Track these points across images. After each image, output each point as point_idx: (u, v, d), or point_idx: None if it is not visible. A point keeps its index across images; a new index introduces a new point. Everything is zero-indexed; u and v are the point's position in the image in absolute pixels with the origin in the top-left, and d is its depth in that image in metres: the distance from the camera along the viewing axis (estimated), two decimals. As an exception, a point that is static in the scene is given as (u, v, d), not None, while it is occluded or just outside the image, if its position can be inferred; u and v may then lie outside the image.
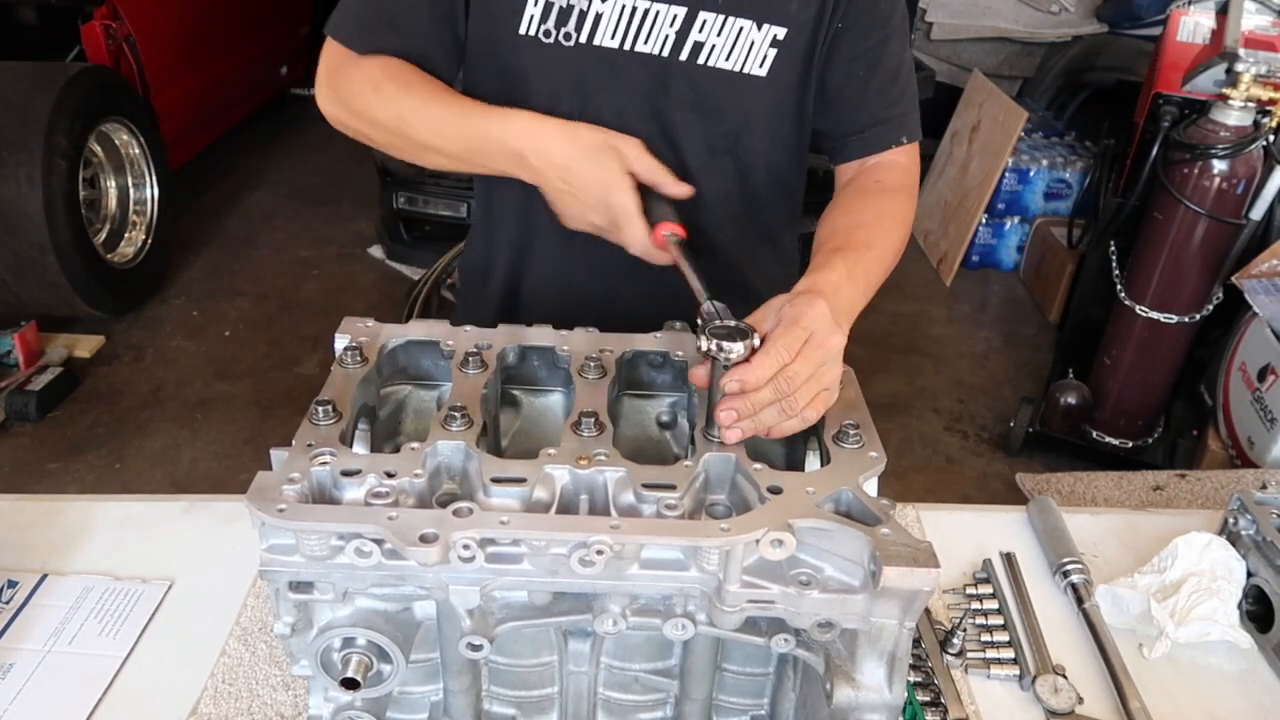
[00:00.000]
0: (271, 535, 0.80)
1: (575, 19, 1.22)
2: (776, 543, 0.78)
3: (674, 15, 1.22)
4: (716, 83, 1.26)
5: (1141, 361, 3.29)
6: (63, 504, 1.41)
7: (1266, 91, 2.79)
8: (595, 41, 1.23)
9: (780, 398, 0.90)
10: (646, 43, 1.24)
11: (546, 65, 1.26)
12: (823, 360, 0.92)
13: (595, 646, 0.97)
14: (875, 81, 1.30)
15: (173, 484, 3.17)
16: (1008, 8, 5.41)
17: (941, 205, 4.99)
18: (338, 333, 1.05)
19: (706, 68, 1.25)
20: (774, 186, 1.39)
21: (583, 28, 1.23)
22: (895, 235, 1.24)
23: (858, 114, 1.31)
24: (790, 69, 1.27)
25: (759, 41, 1.24)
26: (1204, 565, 1.24)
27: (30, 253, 3.47)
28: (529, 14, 1.23)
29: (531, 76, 1.27)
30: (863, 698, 0.83)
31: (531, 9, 1.23)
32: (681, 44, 1.24)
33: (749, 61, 1.26)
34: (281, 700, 1.11)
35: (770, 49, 1.25)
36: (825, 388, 0.93)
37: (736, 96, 1.28)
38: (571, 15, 1.22)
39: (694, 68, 1.25)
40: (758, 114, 1.31)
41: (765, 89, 1.28)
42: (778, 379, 0.89)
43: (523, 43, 1.24)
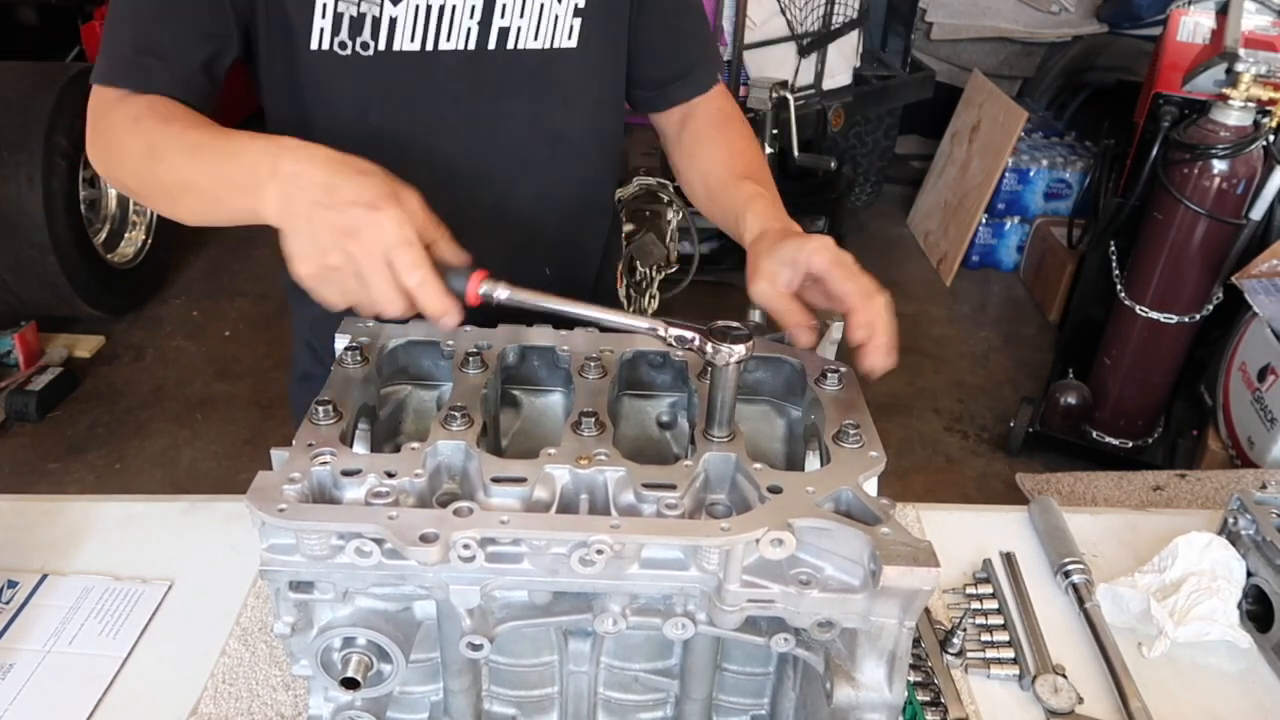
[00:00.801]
0: (272, 535, 0.80)
1: (370, 27, 1.16)
2: (776, 542, 0.78)
3: (472, 6, 1.18)
4: (531, 64, 1.23)
5: (1141, 361, 3.29)
6: (63, 504, 1.41)
7: (1266, 91, 2.79)
8: (395, 47, 1.17)
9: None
10: (450, 39, 1.19)
11: (346, 79, 1.18)
12: None
13: (595, 646, 0.97)
14: (686, 26, 1.37)
15: (173, 484, 3.17)
16: (1008, 8, 5.41)
17: (941, 205, 4.99)
18: (338, 332, 1.05)
19: (518, 51, 1.22)
20: (600, 152, 1.39)
21: (379, 35, 1.16)
22: (760, 153, 1.33)
23: (676, 59, 1.37)
24: (598, 34, 1.26)
25: (562, 14, 1.22)
26: (1204, 565, 1.24)
27: (30, 253, 3.47)
28: (318, 27, 1.15)
29: (331, 93, 1.19)
30: (863, 697, 0.83)
31: (320, 22, 1.14)
32: (487, 34, 1.20)
33: (558, 35, 1.23)
34: (282, 700, 1.11)
35: (574, 19, 1.23)
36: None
37: (553, 73, 1.26)
38: (365, 24, 1.15)
39: (504, 54, 1.22)
40: (575, 85, 1.29)
41: (579, 59, 1.26)
42: None
43: (316, 59, 1.17)
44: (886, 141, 5.23)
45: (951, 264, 4.70)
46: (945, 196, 4.97)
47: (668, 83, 1.38)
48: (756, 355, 1.06)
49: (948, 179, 5.01)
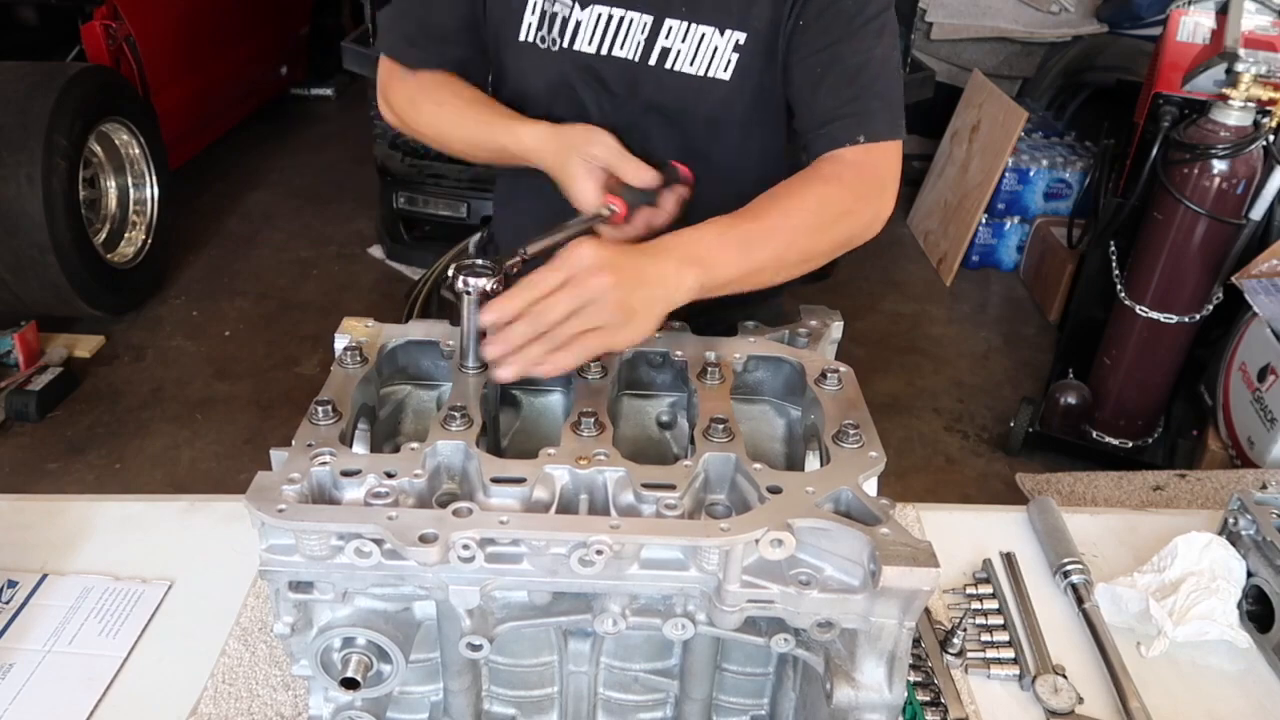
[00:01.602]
0: (271, 535, 0.80)
1: (559, 25, 1.31)
2: (776, 542, 0.78)
3: (644, 23, 1.29)
4: (683, 87, 1.31)
5: (1141, 361, 3.29)
6: (63, 504, 1.41)
7: (1266, 91, 2.78)
8: (575, 47, 1.31)
9: (537, 332, 0.93)
10: (621, 48, 1.30)
11: (541, 69, 1.34)
12: (584, 297, 0.93)
13: (595, 646, 0.97)
14: (830, 78, 1.28)
15: (173, 484, 3.17)
16: (1008, 8, 5.41)
17: (941, 205, 4.99)
18: (337, 333, 1.05)
19: (673, 72, 1.30)
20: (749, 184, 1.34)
21: (565, 34, 1.31)
22: (798, 215, 1.18)
23: (815, 111, 1.30)
24: (754, 72, 1.30)
25: (722, 47, 1.28)
26: (1203, 565, 1.24)
27: (30, 253, 3.47)
28: (527, 22, 1.32)
29: (530, 78, 1.36)
30: (863, 697, 0.83)
31: (529, 17, 1.32)
32: (650, 49, 1.30)
33: (713, 66, 1.29)
34: (281, 700, 1.11)
35: (733, 54, 1.29)
36: (595, 326, 0.95)
37: (702, 100, 1.32)
38: (556, 22, 1.31)
39: (662, 72, 1.30)
40: (724, 117, 1.35)
41: (730, 92, 1.31)
42: (532, 313, 0.93)
43: (523, 49, 1.34)
44: (886, 141, 5.21)
45: (951, 264, 4.70)
46: (945, 196, 4.97)
47: (806, 133, 1.32)
48: (756, 355, 1.06)
49: (948, 179, 5.01)
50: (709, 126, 1.35)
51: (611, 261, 0.96)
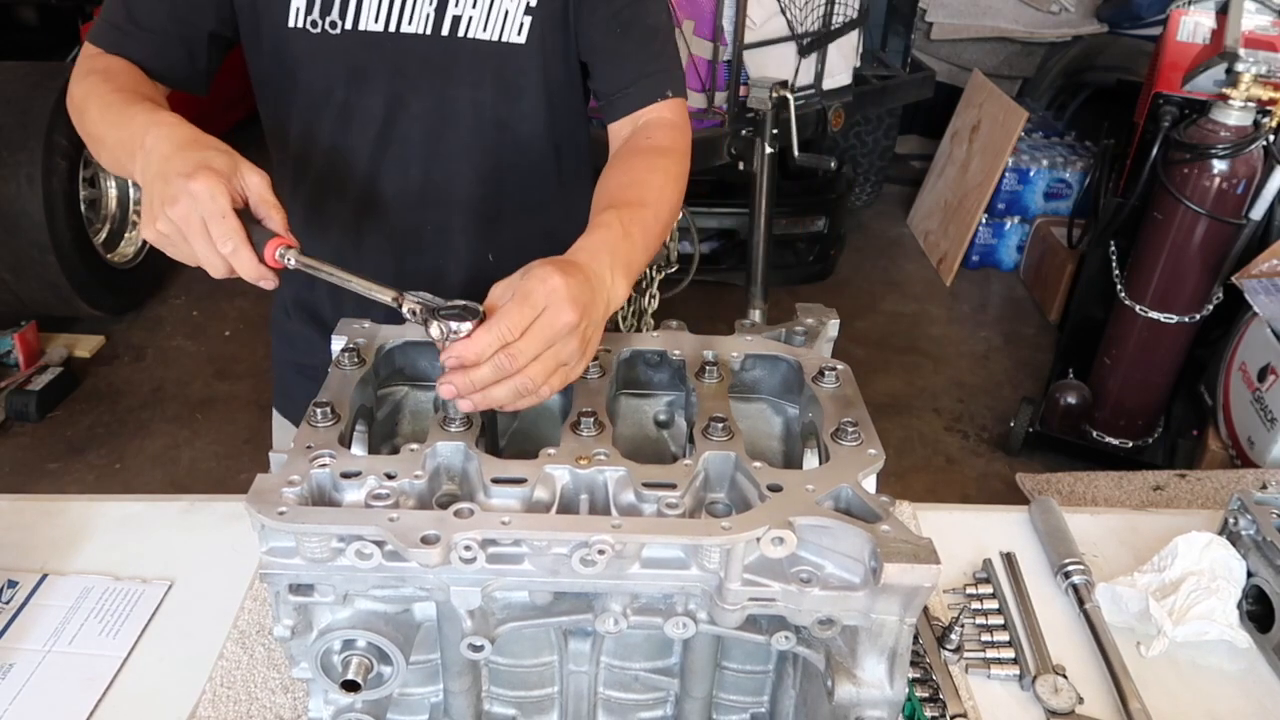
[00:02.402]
0: (272, 538, 0.80)
1: (339, 6, 1.24)
2: (777, 540, 0.78)
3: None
4: (480, 55, 1.28)
5: (1141, 361, 3.29)
6: (63, 504, 1.41)
7: (1266, 91, 2.79)
8: (360, 27, 1.25)
9: (503, 375, 0.88)
10: (410, 23, 1.26)
11: (317, 56, 1.27)
12: (553, 337, 0.89)
13: (595, 646, 0.97)
14: (633, 37, 1.33)
15: (173, 484, 3.17)
16: (1008, 8, 5.41)
17: (941, 205, 4.99)
18: (335, 334, 1.05)
19: (467, 40, 1.27)
20: (550, 148, 1.41)
21: (346, 15, 1.25)
22: (669, 192, 1.21)
23: (621, 70, 1.34)
24: (547, 34, 1.30)
25: (513, 10, 1.27)
26: (1203, 564, 1.24)
27: (30, 253, 3.47)
28: (295, 6, 1.24)
29: (303, 68, 1.29)
30: (864, 694, 0.83)
31: (296, 1, 1.24)
32: (441, 20, 1.26)
33: (506, 30, 1.28)
34: (280, 703, 1.11)
35: (525, 16, 1.28)
36: (563, 363, 0.91)
37: (501, 66, 1.30)
38: (334, 3, 1.24)
39: (456, 42, 1.27)
40: (524, 82, 1.33)
41: (527, 56, 1.30)
42: (499, 356, 0.88)
43: (292, 35, 1.26)
44: (886, 141, 5.23)
45: (951, 264, 4.70)
46: (945, 196, 4.97)
47: (613, 94, 1.35)
48: (753, 354, 1.06)
49: (948, 179, 5.01)
50: (510, 94, 1.33)
51: (577, 295, 0.91)
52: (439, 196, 1.36)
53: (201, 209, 0.95)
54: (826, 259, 4.65)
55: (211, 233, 0.95)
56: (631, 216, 1.10)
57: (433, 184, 1.35)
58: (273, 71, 1.31)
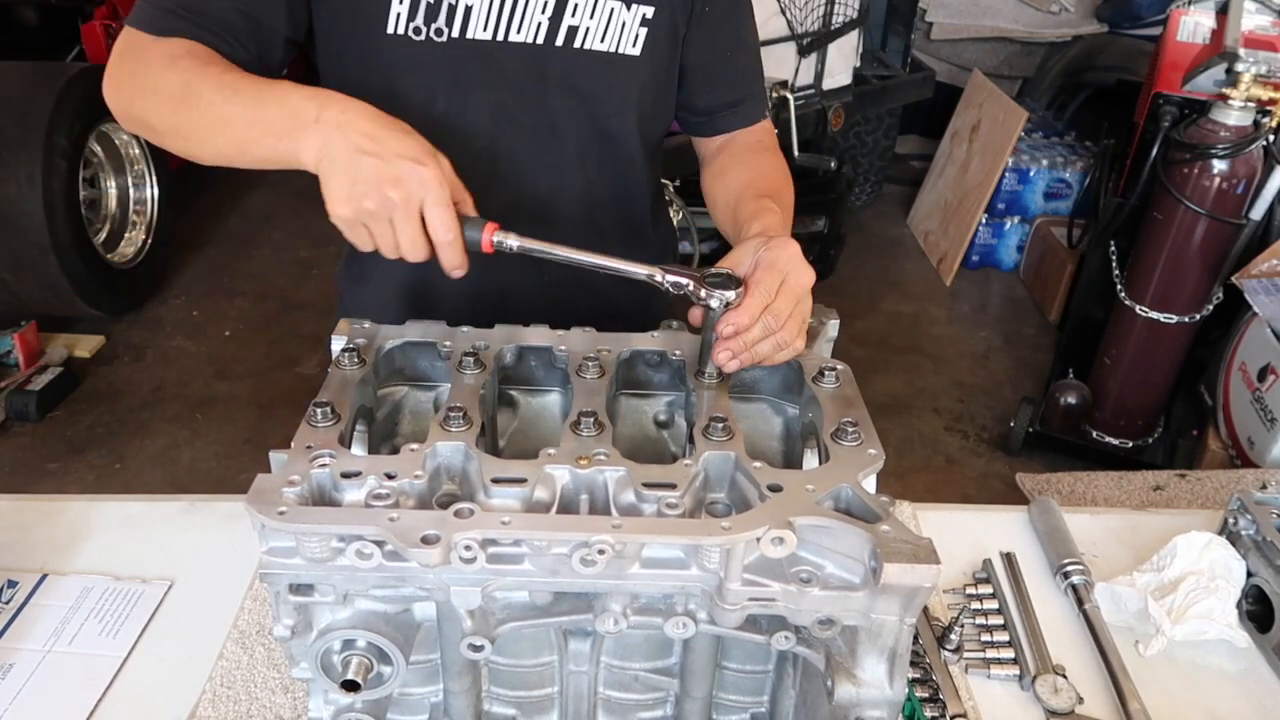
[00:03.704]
0: (272, 538, 0.80)
1: (445, 14, 1.19)
2: (777, 540, 0.78)
3: (545, 2, 1.22)
4: (594, 65, 1.27)
5: (1141, 361, 3.29)
6: (63, 504, 1.41)
7: (1266, 91, 2.78)
8: (468, 35, 1.21)
9: (769, 334, 0.99)
10: (520, 32, 1.22)
11: (419, 63, 1.22)
12: (800, 296, 1.01)
13: (595, 646, 0.97)
14: (740, 59, 1.40)
15: (173, 484, 3.17)
16: (1008, 8, 5.41)
17: (941, 205, 4.99)
18: (334, 334, 1.05)
19: (583, 51, 1.25)
20: (647, 159, 1.42)
21: (454, 22, 1.20)
22: (790, 185, 1.34)
23: (728, 89, 1.40)
24: (660, 47, 1.30)
25: (630, 21, 1.26)
26: (1203, 564, 1.24)
27: (30, 253, 3.47)
28: (395, 12, 1.18)
29: (404, 76, 1.23)
30: (864, 694, 0.83)
31: (398, 7, 1.18)
32: (556, 30, 1.24)
33: (623, 42, 1.27)
34: (280, 703, 1.11)
35: (641, 28, 1.27)
36: (806, 318, 1.03)
37: (614, 77, 1.30)
38: (441, 10, 1.19)
39: (571, 52, 1.25)
40: (633, 94, 1.33)
41: (640, 68, 1.30)
42: (765, 317, 0.98)
43: (392, 42, 1.20)
44: (886, 141, 5.22)
45: (951, 264, 4.70)
46: (945, 196, 4.97)
47: (716, 111, 1.42)
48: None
49: (948, 179, 5.01)
50: (620, 106, 1.32)
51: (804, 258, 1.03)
52: (544, 213, 1.33)
53: (428, 194, 0.96)
54: (826, 259, 4.64)
55: (433, 219, 0.97)
56: (783, 204, 1.25)
57: (539, 199, 1.33)
58: (361, 81, 1.21)
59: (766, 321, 0.98)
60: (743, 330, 0.97)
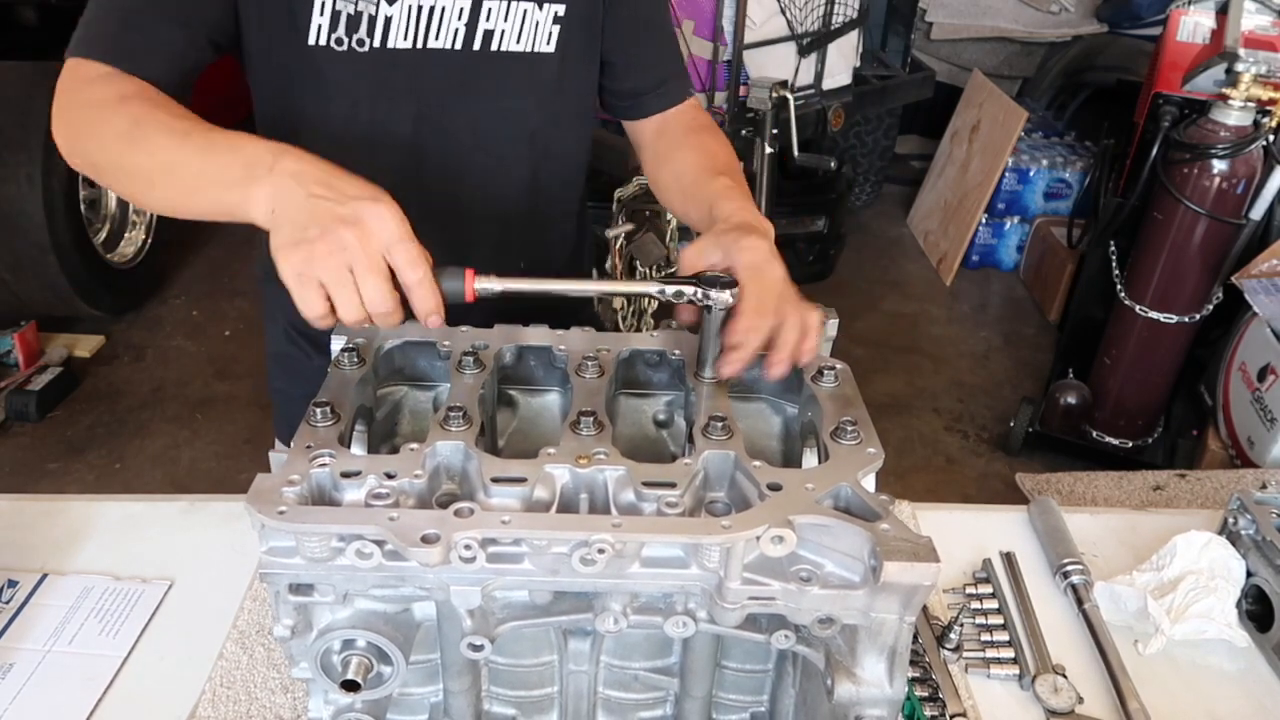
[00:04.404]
0: (272, 538, 0.80)
1: (366, 25, 1.20)
2: (777, 539, 0.78)
3: (460, 9, 1.24)
4: (512, 66, 1.29)
5: (1141, 361, 3.29)
6: (63, 504, 1.41)
7: (1266, 91, 2.79)
8: (389, 45, 1.22)
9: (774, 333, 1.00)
10: (439, 39, 1.24)
11: (341, 74, 1.22)
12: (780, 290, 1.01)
13: (595, 645, 0.97)
14: (658, 40, 1.44)
15: (173, 484, 3.17)
16: (1008, 8, 5.41)
17: (941, 205, 4.99)
18: (334, 334, 1.05)
19: (499, 53, 1.28)
20: (572, 154, 1.45)
21: (374, 33, 1.20)
22: (735, 158, 1.36)
23: (651, 72, 1.43)
24: (575, 42, 1.32)
25: (542, 20, 1.28)
26: (1202, 564, 1.24)
27: (30, 253, 3.47)
28: (316, 24, 1.18)
29: (327, 86, 1.23)
30: (864, 693, 0.83)
31: (319, 19, 1.18)
32: (472, 35, 1.26)
33: (537, 40, 1.29)
34: (280, 703, 1.11)
35: (553, 25, 1.29)
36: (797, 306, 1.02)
37: (532, 76, 1.31)
38: (362, 21, 1.19)
39: (487, 56, 1.27)
40: (552, 88, 1.35)
41: (556, 64, 1.32)
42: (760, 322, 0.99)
43: (313, 53, 1.20)
44: (886, 141, 5.23)
45: (951, 264, 4.70)
46: (945, 196, 4.97)
47: (644, 93, 1.44)
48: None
49: (948, 179, 5.01)
50: (539, 104, 1.34)
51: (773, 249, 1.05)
52: (469, 213, 1.35)
53: (388, 230, 0.87)
54: (826, 259, 4.65)
55: (399, 256, 0.87)
56: (740, 182, 1.25)
57: (462, 202, 1.34)
58: (284, 91, 1.24)
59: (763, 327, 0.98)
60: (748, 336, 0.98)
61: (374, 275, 0.86)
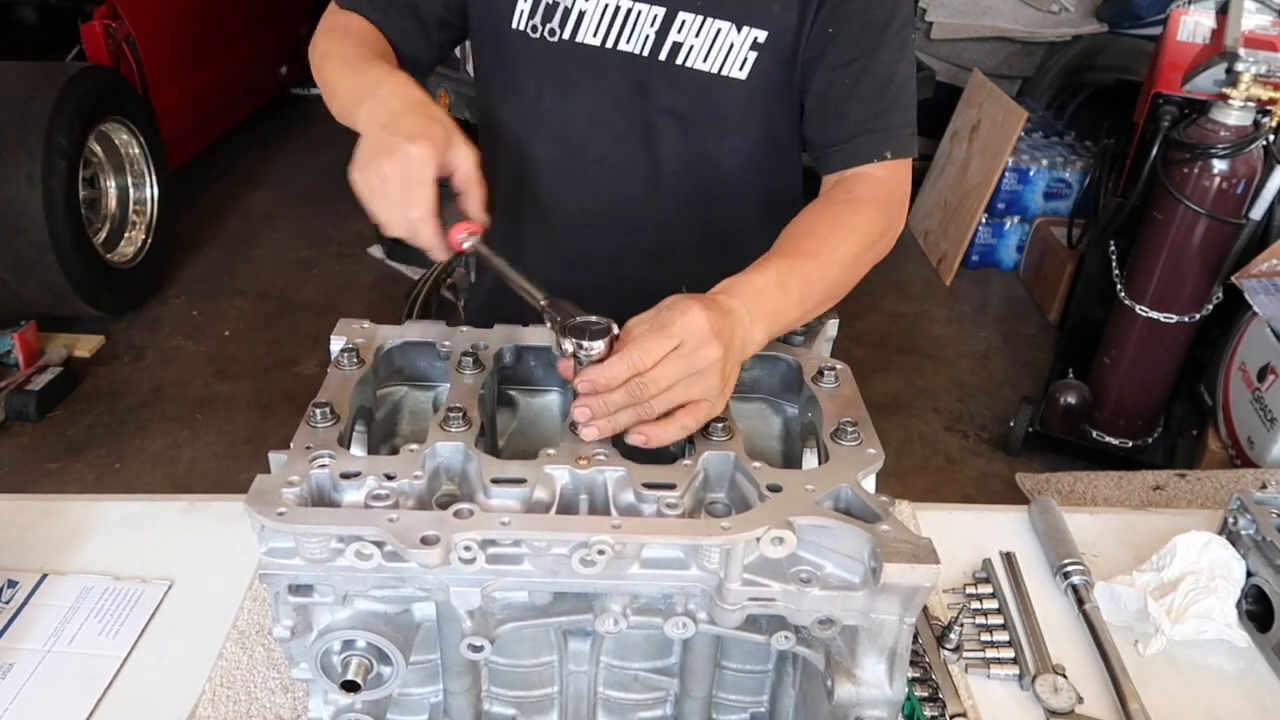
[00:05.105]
0: (271, 539, 0.80)
1: (560, 15, 1.24)
2: (777, 540, 0.78)
3: (654, 15, 1.22)
4: (694, 84, 1.26)
5: (1141, 361, 3.29)
6: (63, 504, 1.41)
7: (1266, 91, 2.78)
8: (578, 39, 1.24)
9: (635, 402, 0.88)
10: (628, 42, 1.24)
11: (533, 59, 1.28)
12: (690, 370, 0.88)
13: (595, 646, 0.97)
14: (860, 91, 1.24)
15: (173, 484, 3.17)
16: (1008, 8, 5.40)
17: (941, 205, 4.98)
18: (333, 334, 1.05)
19: (684, 68, 1.25)
20: (744, 191, 1.37)
21: (566, 24, 1.24)
22: (847, 246, 1.15)
23: (841, 124, 1.26)
24: (771, 73, 1.26)
25: (738, 44, 1.23)
26: (1202, 564, 1.24)
27: (30, 253, 3.47)
28: (519, 8, 1.25)
29: (520, 69, 1.29)
30: (864, 694, 0.83)
31: (521, 4, 1.25)
32: (661, 44, 1.24)
33: (728, 63, 1.25)
34: (280, 703, 1.11)
35: (750, 52, 1.24)
36: (698, 399, 0.90)
37: (713, 99, 1.27)
38: (557, 11, 1.24)
39: (672, 68, 1.25)
40: (734, 117, 1.30)
41: (743, 92, 1.26)
42: (632, 384, 0.87)
43: (514, 37, 1.27)
44: (887, 141, 5.21)
45: (951, 264, 4.70)
46: (945, 196, 4.97)
47: (827, 146, 1.28)
48: (753, 354, 1.06)
49: (948, 178, 5.01)
50: (720, 129, 1.30)
51: (719, 329, 0.90)
52: (626, 221, 1.34)
53: (408, 170, 0.99)
54: (826, 259, 4.64)
55: (406, 195, 0.99)
56: (792, 266, 1.06)
57: (623, 208, 1.34)
58: (491, 68, 1.34)
59: (631, 389, 0.87)
60: (600, 391, 0.88)
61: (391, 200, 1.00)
